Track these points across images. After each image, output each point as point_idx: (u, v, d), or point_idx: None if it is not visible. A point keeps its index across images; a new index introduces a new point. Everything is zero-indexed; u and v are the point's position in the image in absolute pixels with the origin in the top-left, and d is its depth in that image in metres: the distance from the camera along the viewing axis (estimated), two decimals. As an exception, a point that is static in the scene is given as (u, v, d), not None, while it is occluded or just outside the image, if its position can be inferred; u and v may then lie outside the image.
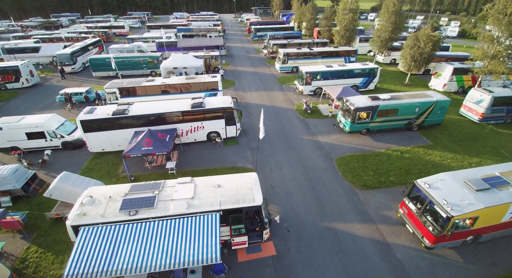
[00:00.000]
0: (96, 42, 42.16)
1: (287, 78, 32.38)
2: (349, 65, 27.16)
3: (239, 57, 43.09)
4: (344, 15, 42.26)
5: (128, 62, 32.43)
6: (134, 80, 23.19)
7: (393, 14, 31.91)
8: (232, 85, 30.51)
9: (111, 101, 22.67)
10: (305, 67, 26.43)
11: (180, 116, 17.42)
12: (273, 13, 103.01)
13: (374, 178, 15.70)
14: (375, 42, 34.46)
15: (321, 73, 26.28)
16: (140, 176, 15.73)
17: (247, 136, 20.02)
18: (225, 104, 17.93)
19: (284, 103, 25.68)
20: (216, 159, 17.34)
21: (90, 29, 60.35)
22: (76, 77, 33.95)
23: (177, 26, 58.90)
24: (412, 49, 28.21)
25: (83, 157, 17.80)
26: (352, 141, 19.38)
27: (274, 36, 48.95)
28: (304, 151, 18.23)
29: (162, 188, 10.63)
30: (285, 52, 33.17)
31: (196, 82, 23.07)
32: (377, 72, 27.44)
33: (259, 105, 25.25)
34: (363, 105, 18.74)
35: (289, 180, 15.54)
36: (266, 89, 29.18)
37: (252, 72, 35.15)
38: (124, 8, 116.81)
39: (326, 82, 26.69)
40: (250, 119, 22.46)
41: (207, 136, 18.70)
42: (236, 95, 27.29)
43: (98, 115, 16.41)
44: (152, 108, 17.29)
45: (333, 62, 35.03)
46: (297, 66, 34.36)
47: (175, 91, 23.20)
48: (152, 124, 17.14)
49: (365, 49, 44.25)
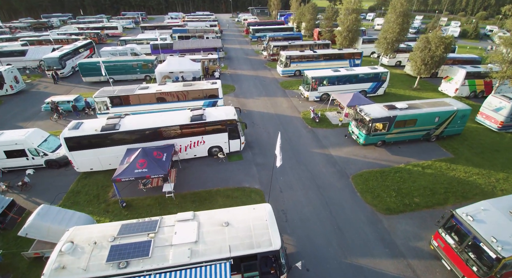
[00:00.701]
0: (87, 44, 39.94)
1: (290, 83, 30.65)
2: (358, 69, 25.53)
3: (238, 60, 41.24)
4: (347, 16, 40.75)
5: (120, 67, 30.38)
6: (127, 87, 21.23)
7: (400, 15, 30.40)
8: (232, 90, 28.69)
9: (101, 111, 20.70)
10: (311, 72, 24.73)
11: (178, 130, 15.56)
12: (270, 13, 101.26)
13: (397, 199, 14.05)
14: (381, 44, 32.94)
15: (328, 78, 24.60)
16: (133, 201, 13.85)
17: (252, 150, 18.23)
18: (228, 116, 16.11)
19: (289, 111, 23.93)
20: (219, 178, 15.52)
21: (81, 30, 57.89)
22: (64, 83, 31.78)
23: (172, 27, 56.81)
24: (423, 52, 26.70)
25: (69, 177, 15.83)
26: (367, 154, 17.72)
27: (274, 38, 47.20)
28: (316, 167, 16.50)
29: (159, 228, 8.79)
30: (287, 55, 31.45)
31: (195, 90, 21.21)
32: (387, 77, 25.85)
33: (262, 113, 23.47)
34: (379, 115, 17.08)
35: (303, 203, 13.80)
36: (269, 95, 27.40)
37: (252, 76, 33.34)
38: (118, 8, 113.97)
39: (333, 87, 25.04)
40: (254, 130, 20.67)
41: (208, 152, 16.88)
42: (237, 102, 25.52)
43: (85, 131, 14.47)
44: (146, 122, 15.39)
45: (338, 65, 33.48)
46: (300, 70, 32.75)
47: (172, 99, 21.31)
48: (147, 140, 15.27)
49: (368, 50, 42.74)
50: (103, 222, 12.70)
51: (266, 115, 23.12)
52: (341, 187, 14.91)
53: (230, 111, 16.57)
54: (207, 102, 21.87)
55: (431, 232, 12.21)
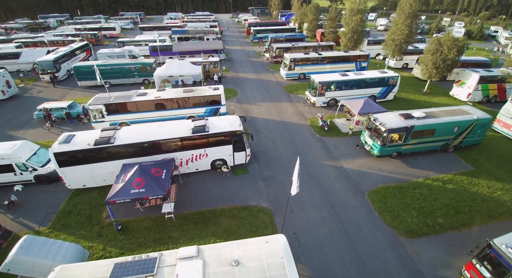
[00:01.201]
0: (84, 46, 38.61)
1: (294, 87, 29.42)
2: (367, 73, 24.31)
3: (240, 62, 39.98)
4: (352, 17, 39.55)
5: (117, 70, 29.09)
6: (123, 94, 19.96)
7: (409, 16, 29.20)
8: (234, 95, 27.43)
9: (96, 119, 19.44)
10: (318, 76, 23.49)
11: (178, 143, 14.31)
12: (270, 13, 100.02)
13: (419, 220, 12.83)
14: (389, 46, 31.71)
15: (336, 83, 23.36)
16: (130, 223, 12.58)
17: (257, 161, 16.98)
18: (232, 127, 14.86)
19: (295, 117, 22.70)
20: (223, 195, 14.27)
21: (78, 31, 56.50)
22: (60, 87, 30.47)
23: (171, 28, 55.53)
24: (434, 55, 25.50)
25: (61, 194, 14.55)
26: (382, 166, 16.51)
27: (276, 39, 45.96)
28: (328, 182, 15.27)
29: (158, 269, 7.54)
30: (291, 57, 30.22)
31: (196, 96, 19.96)
32: (397, 81, 24.64)
33: (267, 120, 22.22)
34: (396, 126, 15.86)
35: (316, 225, 12.57)
36: (273, 100, 26.16)
37: (255, 80, 32.10)
38: (116, 8, 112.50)
39: (341, 93, 23.82)
40: (259, 139, 19.43)
41: (211, 165, 15.63)
42: (240, 108, 24.29)
43: (77, 145, 13.20)
44: (144, 134, 14.12)
45: (343, 68, 32.31)
46: (304, 73, 31.54)
47: (172, 106, 20.06)
48: (145, 154, 14.02)
49: (373, 52, 41.54)
50: (95, 248, 11.46)
51: (271, 122, 21.88)
52: (357, 205, 13.68)
53: (234, 122, 15.32)
54: (209, 109, 20.64)
55: (460, 259, 11.03)
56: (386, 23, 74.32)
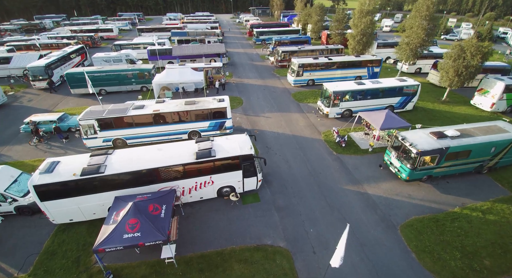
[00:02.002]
0: (78, 49, 36.57)
1: (303, 94, 27.43)
2: (385, 82, 22.32)
3: (243, 66, 37.98)
4: (361, 18, 37.60)
5: (113, 77, 27.05)
6: (118, 107, 17.94)
7: (426, 19, 27.27)
8: (239, 104, 25.43)
9: (88, 136, 17.44)
10: (331, 85, 21.51)
11: (180, 170, 12.35)
12: (272, 13, 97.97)
13: (463, 263, 10.88)
14: (403, 50, 29.77)
15: (351, 92, 21.40)
16: (123, 269, 10.60)
17: (269, 185, 15.01)
18: (243, 151, 12.89)
19: (307, 131, 20.72)
20: (232, 231, 12.28)
21: (74, 33, 54.40)
22: (52, 95, 28.45)
23: (171, 30, 53.49)
24: (456, 62, 23.55)
25: (45, 229, 12.55)
26: (412, 193, 14.55)
27: (280, 41, 43.98)
28: (353, 212, 13.29)
29: None
30: (300, 63, 28.23)
31: (199, 109, 17.97)
32: (417, 90, 22.68)
33: (277, 134, 20.24)
34: (429, 147, 13.89)
35: (345, 272, 10.57)
36: (282, 110, 24.16)
37: (260, 86, 30.11)
38: (114, 8, 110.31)
39: (357, 103, 21.85)
40: (270, 157, 17.45)
41: (217, 192, 13.66)
42: (247, 120, 22.31)
43: (60, 176, 11.20)
44: (140, 161, 12.12)
45: (355, 73, 30.42)
46: (313, 79, 29.59)
47: (172, 120, 18.08)
48: (141, 183, 12.05)
49: (383, 55, 39.47)
50: (81, 305, 9.50)
51: (281, 137, 19.91)
52: (390, 244, 11.72)
53: (245, 143, 13.34)
54: (213, 123, 18.67)
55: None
56: (392, 24, 72.44)
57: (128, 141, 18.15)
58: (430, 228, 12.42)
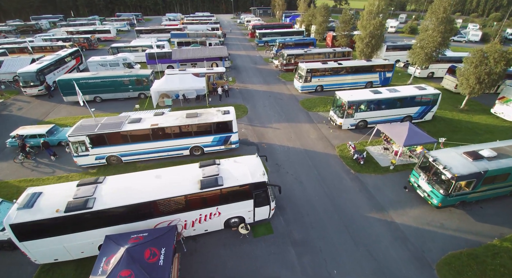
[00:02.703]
0: (73, 53, 34.76)
1: (312, 102, 25.68)
2: (403, 90, 20.57)
3: (246, 70, 36.22)
4: (370, 20, 35.84)
5: (109, 83, 25.26)
6: (112, 121, 16.15)
7: (443, 22, 25.58)
8: (244, 113, 23.67)
9: (78, 154, 15.69)
10: (346, 94, 19.77)
11: (182, 202, 10.62)
12: (273, 13, 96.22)
13: (519, 316, 9.21)
14: (418, 55, 28.07)
15: (367, 102, 19.68)
16: (115, 327, 8.89)
17: (282, 212, 13.28)
18: (254, 178, 11.14)
19: (320, 144, 18.98)
20: (243, 272, 10.55)
21: (70, 34, 52.54)
22: (44, 101, 26.69)
23: (171, 31, 51.72)
24: (478, 68, 21.84)
25: (26, 268, 10.77)
26: (444, 221, 12.83)
27: (284, 43, 42.24)
28: (380, 248, 11.54)
29: None
30: (308, 68, 26.49)
31: (202, 123, 16.23)
32: (438, 99, 20.97)
33: (286, 148, 18.50)
34: (465, 171, 12.17)
35: (379, 329, 8.90)
36: (290, 120, 22.42)
37: (266, 93, 28.36)
38: (113, 8, 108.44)
39: (373, 113, 20.14)
40: (281, 176, 15.74)
41: (225, 223, 11.93)
42: (253, 131, 20.57)
43: (42, 212, 9.45)
44: (134, 192, 10.33)
45: (366, 79, 28.70)
46: (322, 85, 27.85)
47: (172, 135, 16.33)
48: (136, 218, 10.32)
49: (392, 58, 37.78)
50: None
51: (292, 151, 18.18)
52: (428, 289, 10.03)
53: (256, 168, 11.60)
54: (218, 138, 16.93)
55: None
56: (397, 24, 70.79)
57: (123, 158, 16.42)
58: (470, 267, 10.70)
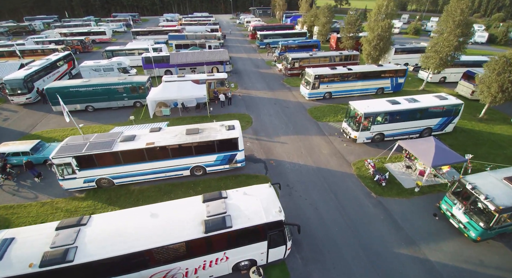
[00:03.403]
0: (65, 57, 32.82)
1: (321, 111, 23.91)
2: (423, 100, 18.81)
3: (248, 75, 34.43)
4: (378, 22, 34.21)
5: (101, 92, 23.35)
6: (102, 139, 14.29)
7: (460, 25, 23.93)
8: (248, 124, 21.87)
9: (64, 177, 13.86)
10: (361, 105, 18.00)
11: (183, 248, 8.82)
12: (273, 14, 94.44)
13: None
14: (433, 59, 26.39)
15: (384, 113, 17.95)
16: None
17: (299, 249, 11.46)
18: (269, 216, 9.30)
19: (334, 161, 17.22)
20: None
21: (63, 36, 50.47)
22: (32, 112, 24.76)
23: (168, 33, 49.80)
24: (502, 76, 20.19)
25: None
26: (483, 257, 11.10)
27: (287, 46, 40.51)
28: (415, 294, 9.86)
29: None
30: (316, 74, 24.73)
31: (204, 141, 14.43)
32: (460, 109, 19.28)
33: (297, 166, 16.71)
34: (511, 202, 10.49)
35: None
36: (299, 132, 20.65)
37: (270, 100, 26.58)
38: (109, 9, 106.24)
39: (391, 126, 18.41)
40: (293, 200, 13.97)
41: (233, 267, 10.14)
42: (259, 145, 18.79)
43: (11, 268, 7.57)
44: (125, 240, 8.46)
45: (377, 85, 26.99)
46: (330, 92, 26.12)
47: (170, 155, 14.52)
48: (127, 270, 8.51)
49: (401, 61, 36.14)
50: None
51: (303, 170, 16.40)
52: None
53: (270, 203, 9.80)
54: (222, 157, 15.15)
55: None
56: (401, 25, 69.30)
57: (115, 180, 14.59)
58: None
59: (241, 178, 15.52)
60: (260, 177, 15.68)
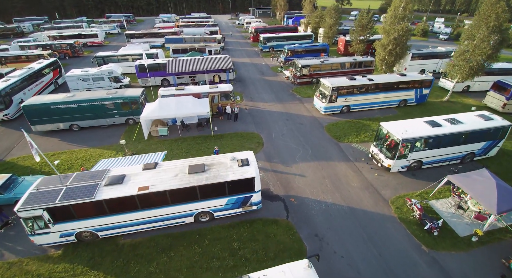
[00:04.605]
0: (50, 64, 29.60)
1: (341, 128, 20.99)
2: (466, 121, 15.89)
3: (253, 83, 31.43)
4: (394, 25, 31.49)
5: (88, 108, 20.19)
6: (83, 181, 11.25)
7: (495, 31, 21.23)
8: (259, 146, 18.88)
9: (35, 232, 10.82)
10: (397, 128, 15.07)
11: None
12: (273, 14, 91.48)
13: None
14: (462, 68, 23.66)
15: (424, 139, 15.07)
16: None
17: None
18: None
19: (367, 198, 14.27)
20: None
21: (52, 40, 47.09)
22: (10, 131, 21.58)
23: (165, 35, 46.64)
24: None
25: None
26: None
27: (294, 50, 37.57)
28: None
29: None
30: (334, 86, 21.80)
31: (212, 184, 11.43)
32: (507, 132, 16.48)
33: (324, 205, 13.76)
34: None
35: None
36: (319, 157, 17.67)
37: (281, 115, 23.58)
38: (102, 9, 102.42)
39: (431, 152, 15.57)
40: (326, 259, 11.02)
41: None
42: (275, 177, 15.90)
43: None
44: None
45: (400, 96, 24.29)
46: (349, 105, 23.24)
47: (170, 200, 11.51)
48: None
49: (416, 68, 33.48)
50: None
51: (332, 210, 13.46)
52: None
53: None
54: (234, 200, 12.21)
55: None
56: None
57: (100, 233, 11.56)
58: None
59: (257, 224, 12.57)
60: (280, 222, 12.74)
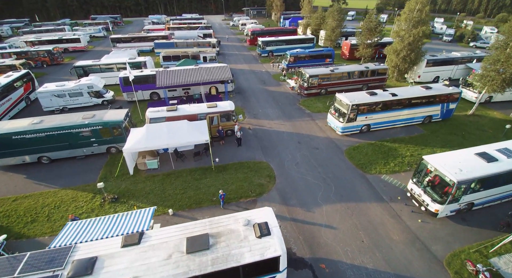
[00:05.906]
0: (21, 77, 25.61)
1: (363, 153, 17.81)
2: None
3: (255, 94, 28.04)
4: (409, 30, 28.89)
5: (59, 137, 16.43)
6: (36, 270, 7.78)
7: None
8: (271, 182, 15.48)
9: None
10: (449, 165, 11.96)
11: None
12: (268, 14, 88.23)
13: None
14: (493, 79, 20.93)
15: (480, 179, 12.02)
16: None
17: None
18: None
19: (416, 259, 11.08)
20: None
21: (29, 46, 42.68)
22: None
23: (154, 40, 42.74)
24: None
25: None
26: None
27: (297, 56, 34.36)
28: None
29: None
30: (354, 103, 18.58)
31: (221, 271, 8.04)
32: None
33: (364, 271, 10.56)
34: None
35: None
36: (346, 196, 14.33)
37: (291, 136, 20.26)
38: (88, 10, 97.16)
39: (486, 193, 12.57)
40: None
41: None
42: (295, 227, 12.58)
43: None
44: None
45: (425, 112, 21.37)
46: (369, 124, 20.14)
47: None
48: None
49: (431, 75, 30.76)
50: None
51: (372, 276, 10.32)
52: None
53: None
54: (250, 282, 8.82)
55: None
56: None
57: None
58: None
59: (281, 311, 9.27)
60: (312, 306, 9.48)
